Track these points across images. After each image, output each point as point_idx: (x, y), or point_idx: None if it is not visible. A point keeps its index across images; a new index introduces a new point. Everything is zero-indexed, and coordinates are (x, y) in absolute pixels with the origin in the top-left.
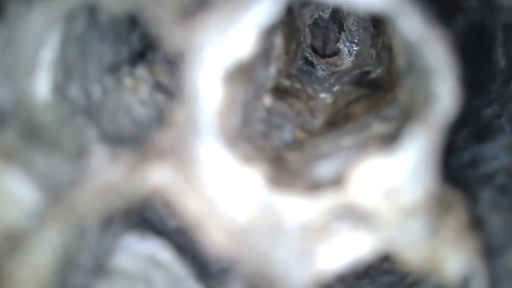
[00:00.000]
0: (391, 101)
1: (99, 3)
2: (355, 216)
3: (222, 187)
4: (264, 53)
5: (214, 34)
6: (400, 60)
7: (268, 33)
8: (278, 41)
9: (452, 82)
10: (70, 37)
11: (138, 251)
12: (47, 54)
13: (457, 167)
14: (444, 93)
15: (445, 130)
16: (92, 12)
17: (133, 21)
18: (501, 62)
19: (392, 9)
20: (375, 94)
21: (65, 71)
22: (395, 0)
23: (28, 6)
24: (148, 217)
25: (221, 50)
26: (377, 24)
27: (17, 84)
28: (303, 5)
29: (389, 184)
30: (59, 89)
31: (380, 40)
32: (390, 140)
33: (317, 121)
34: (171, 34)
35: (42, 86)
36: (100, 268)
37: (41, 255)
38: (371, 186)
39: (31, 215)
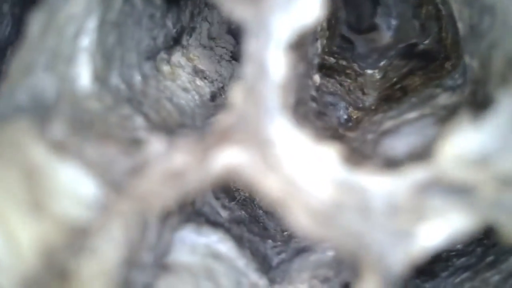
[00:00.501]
0: (451, 71)
1: None
2: (447, 190)
3: (299, 166)
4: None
5: (279, 1)
6: (461, 26)
7: None
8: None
9: None
10: (106, 22)
11: (197, 245)
12: (85, 40)
13: None
14: None
15: None
16: None
17: (167, 3)
18: None
19: None
20: (430, 65)
21: (104, 58)
22: None
23: None
24: (200, 208)
25: (286, 19)
26: None
27: (59, 71)
28: None
29: (483, 153)
30: (100, 77)
31: (424, 10)
32: (478, 108)
33: (369, 98)
34: (235, 5)
35: (83, 73)
36: (162, 264)
37: (107, 252)
38: (462, 156)
39: (93, 209)
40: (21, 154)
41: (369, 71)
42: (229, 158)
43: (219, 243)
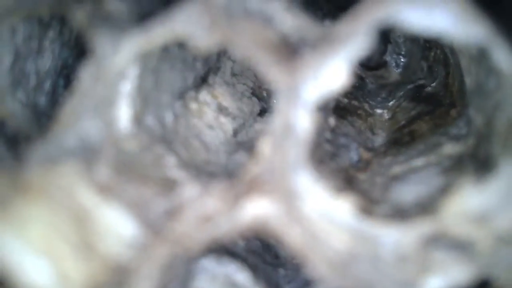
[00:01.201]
0: (456, 118)
1: (189, 41)
2: (450, 244)
3: (319, 218)
4: None
5: (310, 73)
6: (468, 80)
7: None
8: None
9: None
10: (146, 69)
11: (217, 274)
12: (127, 86)
13: None
14: None
15: None
16: (167, 49)
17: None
18: None
19: (485, 41)
20: (437, 110)
21: (142, 101)
22: (486, 32)
23: (116, 44)
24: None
25: (316, 85)
26: (428, 38)
27: (104, 117)
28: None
29: (484, 210)
30: (138, 119)
31: (432, 54)
32: (480, 165)
33: (378, 138)
34: (271, 73)
35: (123, 117)
36: None
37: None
38: (465, 213)
39: (133, 248)
40: (70, 196)
41: (379, 111)
42: (258, 209)
43: (237, 272)
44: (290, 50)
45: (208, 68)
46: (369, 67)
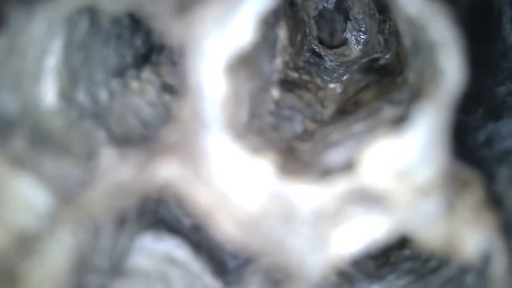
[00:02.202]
0: (401, 85)
1: (97, 5)
2: (368, 199)
3: (231, 178)
4: (268, 46)
5: (212, 25)
6: (407, 41)
7: (270, 24)
8: (282, 33)
9: (458, 56)
10: (72, 43)
11: (155, 251)
12: (51, 61)
13: (474, 147)
14: (450, 68)
15: (454, 106)
16: (92, 16)
17: (135, 23)
18: (511, 39)
19: None
20: (384, 79)
21: (71, 77)
22: None
23: (28, 14)
24: (163, 216)
25: (220, 41)
26: (383, 10)
27: (23, 92)
28: None
29: (401, 164)
30: (66, 95)
31: (387, 26)
32: (400, 121)
33: (327, 111)
34: (170, 28)
35: (48, 92)
36: (117, 269)
37: (55, 256)
38: (382, 168)
39: (43, 218)
40: None
41: (331, 85)
42: (168, 172)
43: (177, 249)
44: (188, 2)
45: (151, 46)
46: (330, 46)
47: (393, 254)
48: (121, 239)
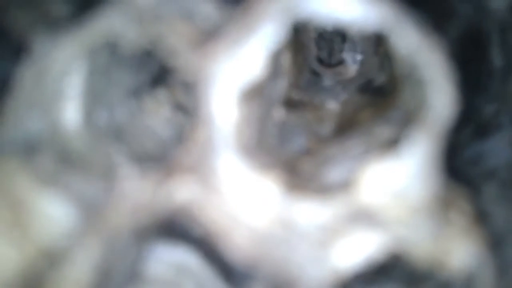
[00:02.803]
0: (394, 106)
1: (119, 39)
2: (365, 217)
3: (240, 198)
4: (274, 71)
5: (225, 58)
6: (402, 66)
7: (277, 53)
8: (286, 58)
9: (449, 92)
10: (95, 69)
11: (169, 259)
12: (76, 86)
13: (461, 165)
14: (441, 103)
15: (444, 134)
16: (113, 47)
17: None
18: (498, 62)
19: (386, 26)
20: (380, 100)
21: (93, 100)
22: (388, 17)
23: (52, 43)
24: (175, 227)
25: (232, 73)
26: (379, 34)
27: (50, 114)
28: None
29: (396, 185)
30: (87, 118)
31: (382, 48)
32: (394, 143)
33: (327, 129)
34: (186, 62)
35: (72, 114)
36: (134, 278)
37: (81, 270)
38: (378, 188)
39: (69, 234)
40: (9, 185)
41: (329, 105)
42: (184, 192)
43: (189, 257)
44: (204, 38)
45: (164, 68)
46: (329, 65)
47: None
48: (139, 249)
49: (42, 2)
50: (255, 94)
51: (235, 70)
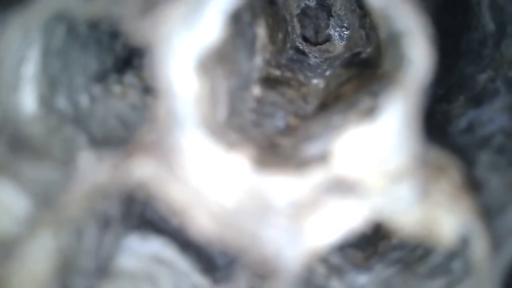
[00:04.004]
0: (380, 77)
1: (67, 11)
2: (343, 188)
3: (206, 174)
4: (246, 44)
5: (179, 24)
6: (383, 34)
7: (247, 23)
8: (261, 31)
9: (424, 44)
10: (50, 50)
11: (141, 251)
12: (30, 69)
13: (455, 134)
14: (417, 56)
15: (422, 93)
16: (69, 23)
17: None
18: (490, 26)
19: None
20: (365, 72)
21: (50, 83)
22: None
23: (2, 22)
24: (149, 217)
25: (188, 40)
26: (363, 4)
27: (1, 99)
28: None
29: (373, 152)
30: (45, 101)
31: (368, 20)
32: (371, 110)
33: (310, 106)
34: (136, 30)
35: (27, 99)
36: (104, 270)
37: (36, 260)
38: (355, 157)
39: (22, 222)
40: None
41: (314, 81)
42: (142, 171)
43: (163, 248)
44: (152, 3)
45: (131, 50)
46: (315, 43)
47: (381, 244)
48: (106, 240)
49: None
50: (220, 64)
51: (191, 36)
